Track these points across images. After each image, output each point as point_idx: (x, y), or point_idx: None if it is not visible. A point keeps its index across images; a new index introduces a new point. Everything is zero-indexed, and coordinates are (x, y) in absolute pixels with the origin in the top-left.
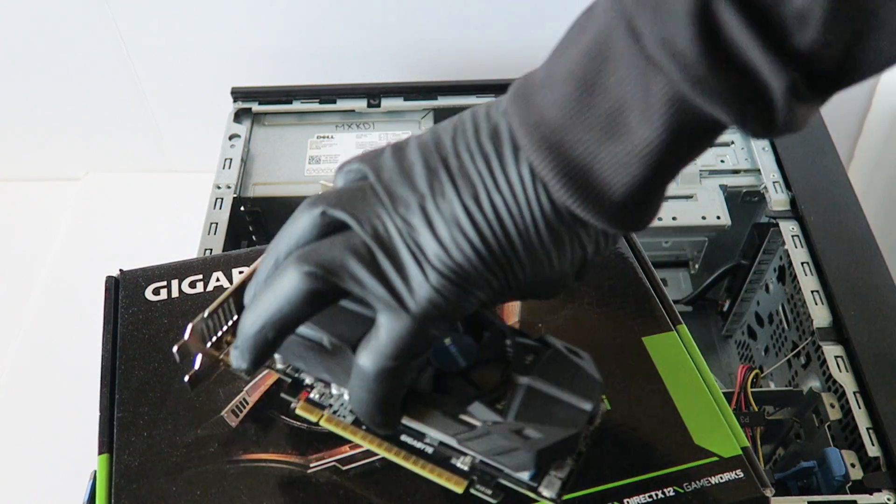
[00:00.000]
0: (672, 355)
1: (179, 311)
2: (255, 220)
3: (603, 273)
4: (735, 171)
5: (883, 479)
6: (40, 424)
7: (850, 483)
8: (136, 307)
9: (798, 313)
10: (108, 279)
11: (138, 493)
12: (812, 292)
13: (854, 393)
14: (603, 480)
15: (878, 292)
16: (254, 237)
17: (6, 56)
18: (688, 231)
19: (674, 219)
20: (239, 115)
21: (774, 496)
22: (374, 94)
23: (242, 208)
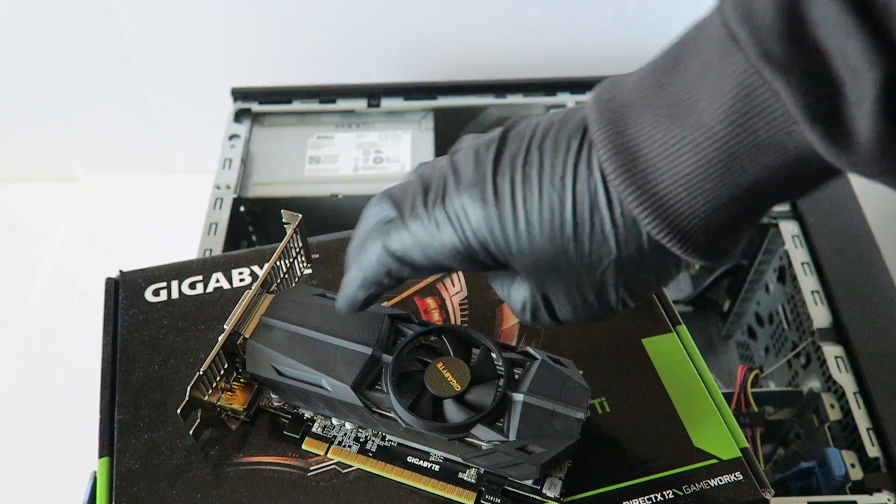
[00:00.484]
0: (672, 357)
1: (179, 312)
2: (255, 221)
3: None
4: None
5: (883, 479)
6: (40, 425)
7: (851, 483)
8: (136, 308)
9: (798, 313)
10: (108, 280)
11: (139, 495)
12: (812, 292)
13: (854, 393)
14: (602, 483)
15: (878, 292)
16: (254, 237)
17: (6, 56)
18: None
19: None
20: (239, 115)
21: (774, 496)
22: (374, 94)
23: (242, 208)
